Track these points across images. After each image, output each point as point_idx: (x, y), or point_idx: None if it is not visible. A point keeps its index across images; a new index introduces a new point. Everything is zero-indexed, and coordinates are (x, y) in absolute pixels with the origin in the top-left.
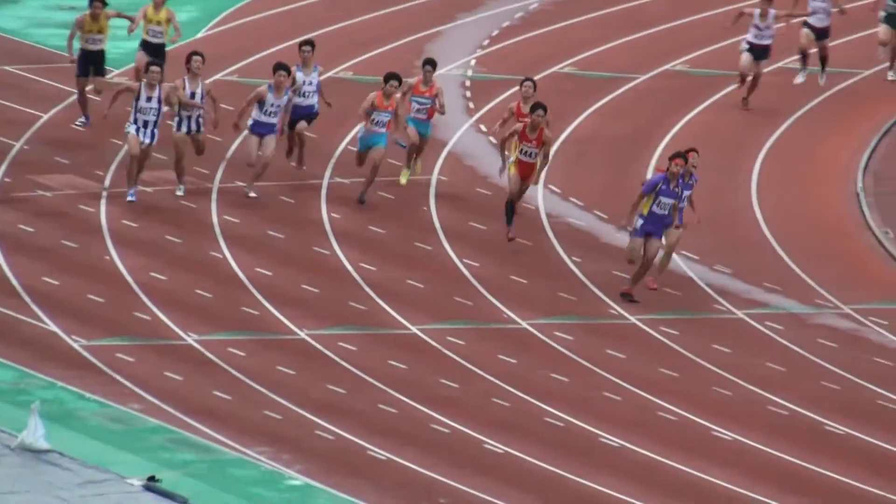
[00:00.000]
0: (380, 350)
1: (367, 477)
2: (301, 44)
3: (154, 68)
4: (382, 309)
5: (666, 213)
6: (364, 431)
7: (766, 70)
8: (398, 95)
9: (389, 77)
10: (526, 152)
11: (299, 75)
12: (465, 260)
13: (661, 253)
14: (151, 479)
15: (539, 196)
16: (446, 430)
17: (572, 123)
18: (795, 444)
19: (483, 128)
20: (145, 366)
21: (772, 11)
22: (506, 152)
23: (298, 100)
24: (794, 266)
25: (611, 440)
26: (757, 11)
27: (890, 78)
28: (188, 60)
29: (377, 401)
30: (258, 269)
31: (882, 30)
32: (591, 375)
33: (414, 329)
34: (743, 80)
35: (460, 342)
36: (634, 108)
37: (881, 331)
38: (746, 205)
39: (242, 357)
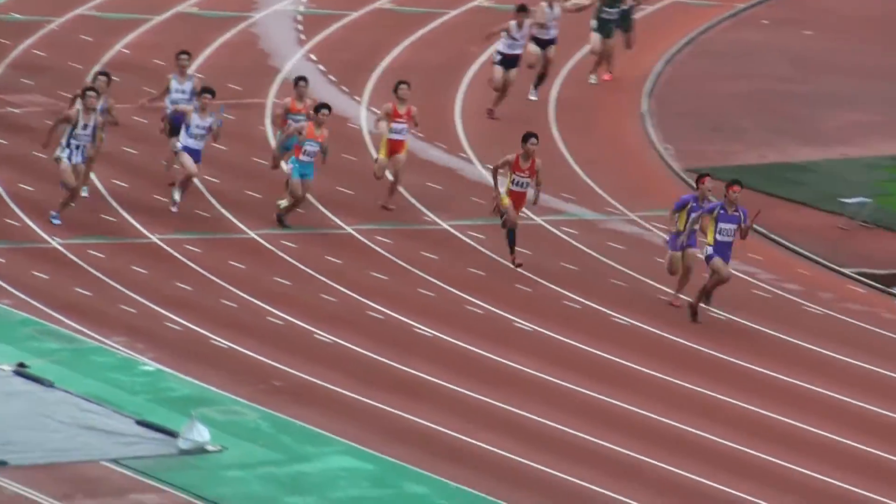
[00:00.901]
0: (222, 252)
1: (211, 363)
2: (178, 53)
3: (90, 93)
4: (224, 216)
5: (730, 239)
6: (208, 323)
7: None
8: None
9: (320, 107)
10: (518, 182)
11: (174, 83)
12: None
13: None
14: (21, 365)
15: (362, 117)
16: (281, 322)
17: (391, 53)
18: (587, 334)
19: (314, 57)
20: (16, 266)
21: (527, 22)
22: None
23: (175, 107)
24: (587, 179)
25: (425, 330)
26: (513, 23)
27: (592, 82)
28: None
29: (220, 296)
30: (115, 181)
31: (594, 38)
32: (408, 274)
33: (252, 234)
34: (504, 90)
35: (293, 245)
36: (445, 40)
37: (662, 234)
38: (545, 125)
39: (101, 258)
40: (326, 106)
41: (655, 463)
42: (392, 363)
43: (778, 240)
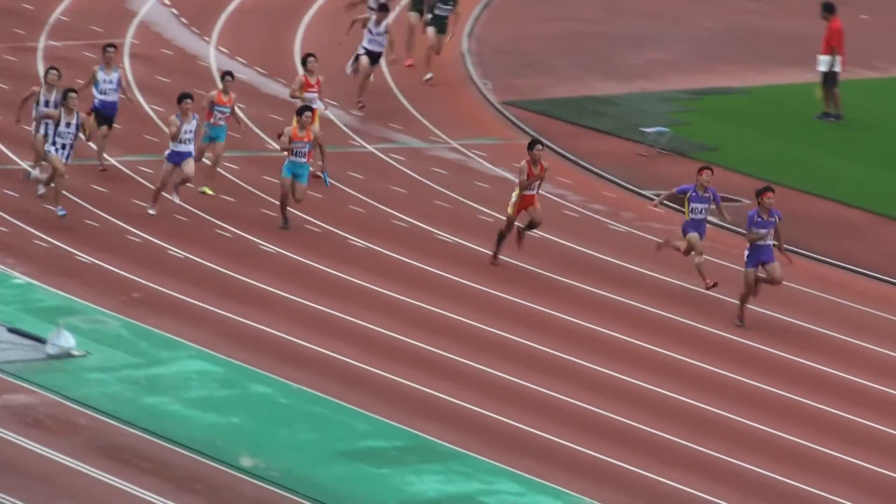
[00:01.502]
0: (84, 177)
1: (76, 277)
2: (105, 46)
3: (72, 94)
4: (87, 145)
5: (766, 244)
6: (72, 240)
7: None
8: (315, 126)
9: (303, 109)
10: (531, 187)
11: (101, 74)
12: (153, 106)
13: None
14: None
15: (211, 56)
16: (138, 240)
17: None
18: (413, 250)
19: (167, 1)
20: None
21: (385, 22)
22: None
23: (101, 97)
24: (413, 111)
25: (269, 247)
26: (372, 17)
27: (426, 78)
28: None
29: (83, 217)
30: None
31: (430, 31)
32: (252, 196)
33: (113, 160)
34: (367, 80)
35: (149, 171)
36: None
37: (481, 161)
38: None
39: None
40: (309, 108)
41: (445, 354)
42: (239, 276)
43: (585, 165)
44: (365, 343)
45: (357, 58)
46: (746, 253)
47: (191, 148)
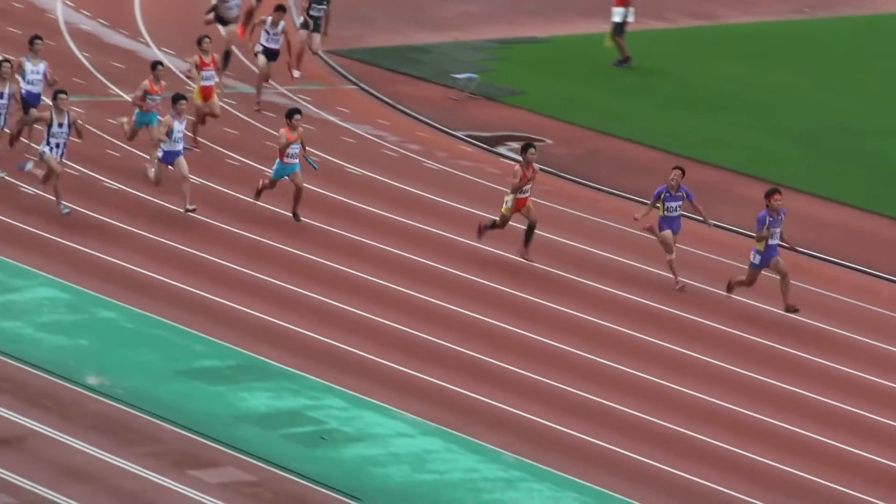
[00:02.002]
0: None
1: None
2: (32, 38)
3: (62, 95)
4: None
5: (777, 242)
6: None
7: None
8: (301, 129)
9: (293, 112)
10: (524, 190)
11: (28, 65)
12: (5, 55)
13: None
14: None
15: (58, 9)
16: None
17: None
18: (243, 184)
19: None
20: None
21: (282, 22)
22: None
23: (28, 87)
24: (246, 61)
25: (112, 184)
26: (269, 19)
27: (296, 76)
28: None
29: None
30: None
31: (301, 34)
32: (98, 138)
33: None
34: (266, 79)
35: None
36: None
37: (306, 104)
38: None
39: None
40: (298, 111)
41: (275, 281)
42: (85, 211)
43: (401, 108)
44: (203, 272)
45: (257, 55)
46: (756, 252)
47: (181, 147)
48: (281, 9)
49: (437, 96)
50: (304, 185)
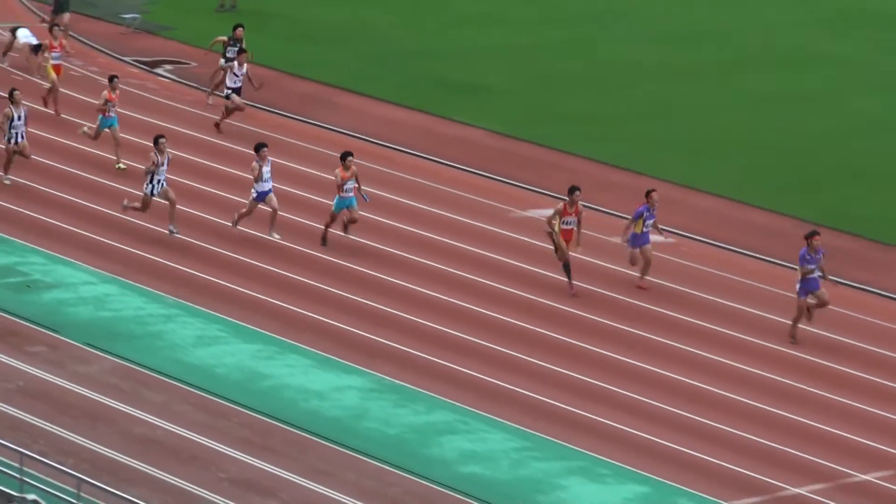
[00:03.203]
0: None
1: None
2: None
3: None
4: None
5: (814, 277)
6: None
7: None
8: (353, 168)
9: (346, 155)
10: (567, 222)
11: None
12: None
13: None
14: None
15: None
16: None
17: None
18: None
19: None
20: None
21: (246, 65)
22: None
23: None
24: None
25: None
26: (235, 63)
27: (210, 102)
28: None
29: None
30: None
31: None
32: None
33: None
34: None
35: None
36: None
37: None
38: None
39: None
40: (350, 153)
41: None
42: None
43: (83, 40)
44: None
45: (228, 96)
46: (798, 285)
47: (270, 186)
48: (243, 51)
49: (109, 32)
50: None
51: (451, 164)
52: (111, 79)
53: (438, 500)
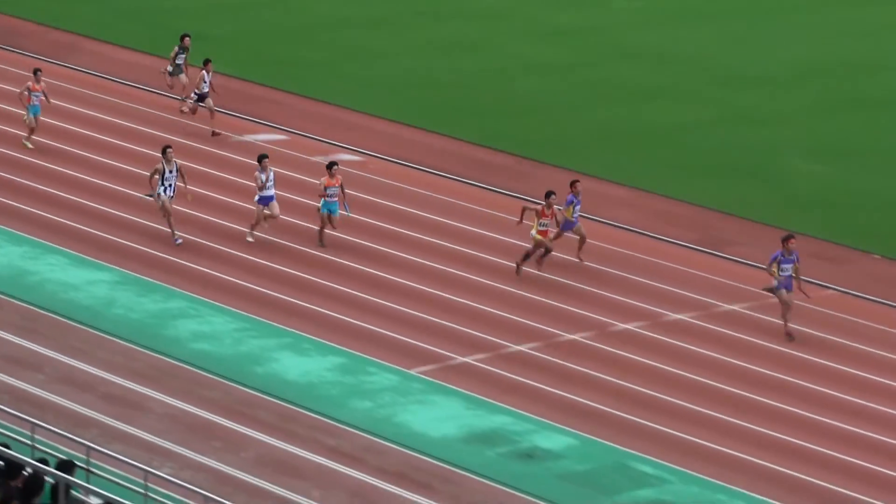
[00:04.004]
0: None
1: None
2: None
3: (169, 150)
4: None
5: (788, 276)
6: None
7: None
8: (339, 176)
9: (331, 164)
10: (543, 224)
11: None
12: None
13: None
14: None
15: None
16: None
17: None
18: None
19: None
20: None
21: (211, 72)
22: (527, 221)
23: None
24: None
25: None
26: (204, 73)
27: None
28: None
29: None
30: None
31: (183, 78)
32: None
33: None
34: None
35: None
36: None
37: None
38: None
39: None
40: (335, 163)
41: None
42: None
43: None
44: None
45: (197, 101)
46: (775, 283)
47: (273, 192)
48: (208, 61)
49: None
50: None
51: (177, 97)
52: (35, 71)
53: (174, 371)
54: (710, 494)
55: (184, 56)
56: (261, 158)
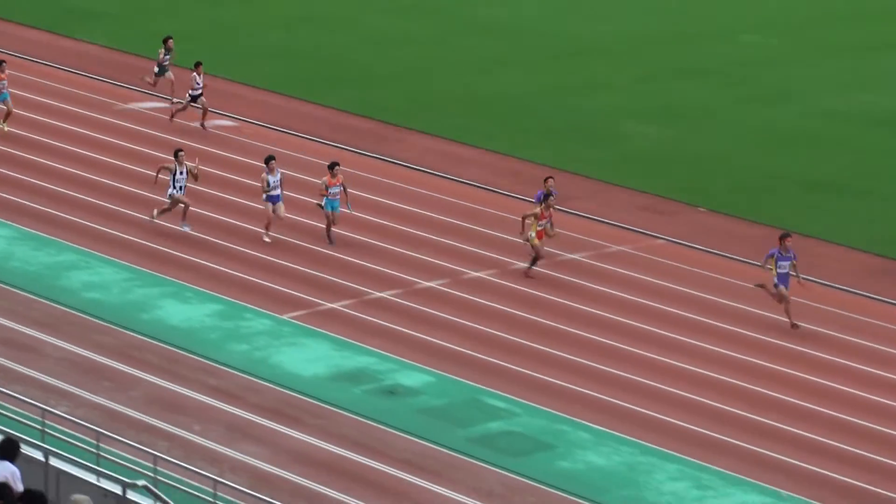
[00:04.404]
0: None
1: None
2: None
3: (181, 153)
4: None
5: (785, 272)
6: None
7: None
8: (340, 176)
9: (333, 164)
10: (542, 225)
11: None
12: None
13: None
14: None
15: None
16: None
17: None
18: None
19: None
20: None
21: (202, 73)
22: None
23: None
24: None
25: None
26: (194, 73)
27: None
28: None
29: None
30: None
31: (157, 79)
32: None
33: None
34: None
35: None
36: None
37: None
38: None
39: None
40: (337, 163)
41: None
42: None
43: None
44: None
45: (191, 101)
46: (774, 280)
47: (279, 193)
48: (199, 63)
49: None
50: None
51: (71, 69)
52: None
53: (68, 318)
54: (555, 425)
55: (168, 58)
56: (268, 160)
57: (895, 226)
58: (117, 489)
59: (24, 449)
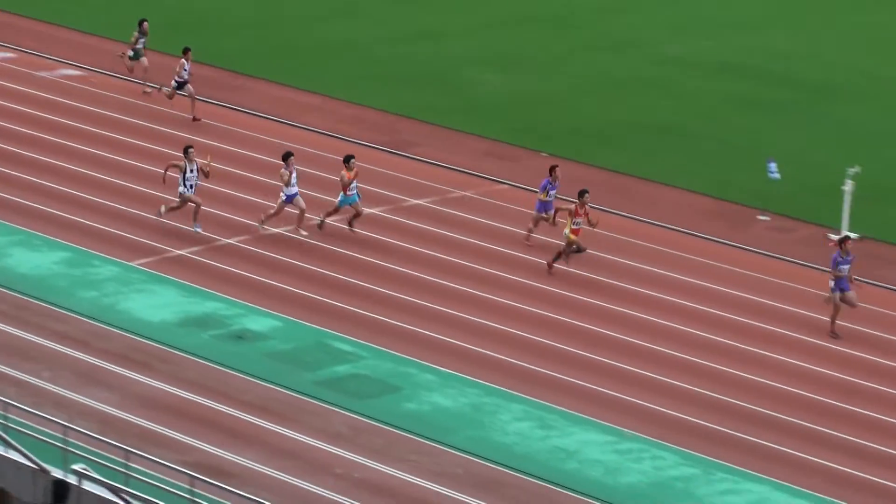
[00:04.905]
0: None
1: None
2: None
3: (191, 150)
4: None
5: (845, 276)
6: None
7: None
8: (356, 169)
9: (349, 157)
10: (577, 223)
11: None
12: None
13: None
14: None
15: None
16: None
17: None
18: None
19: None
20: None
21: (190, 61)
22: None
23: None
24: None
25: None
26: (183, 61)
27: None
28: None
29: None
30: None
31: (144, 61)
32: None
33: None
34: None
35: None
36: None
37: None
38: None
39: None
40: (352, 156)
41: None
42: None
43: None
44: None
45: (177, 88)
46: (832, 284)
47: (297, 189)
48: (187, 49)
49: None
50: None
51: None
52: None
53: None
54: (402, 368)
55: (143, 40)
56: (286, 157)
57: (729, 169)
58: None
59: None
